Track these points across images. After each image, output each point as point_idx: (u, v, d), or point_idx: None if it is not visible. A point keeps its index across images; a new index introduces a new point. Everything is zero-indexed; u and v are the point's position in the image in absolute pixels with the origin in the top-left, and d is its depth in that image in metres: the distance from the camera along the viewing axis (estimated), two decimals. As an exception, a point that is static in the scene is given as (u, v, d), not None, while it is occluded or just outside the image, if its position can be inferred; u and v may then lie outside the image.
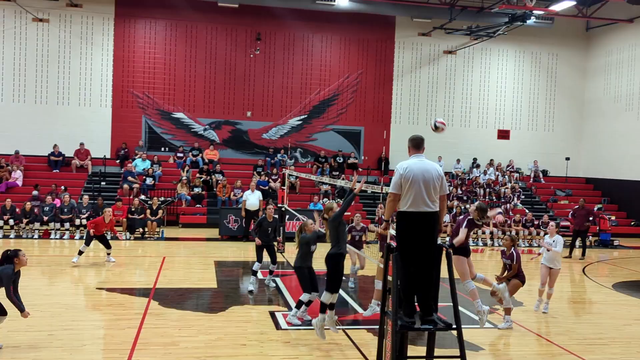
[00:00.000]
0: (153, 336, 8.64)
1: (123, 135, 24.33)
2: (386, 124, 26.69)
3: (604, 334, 9.90)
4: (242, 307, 10.65)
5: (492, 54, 27.50)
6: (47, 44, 23.79)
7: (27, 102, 23.68)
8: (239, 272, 14.21)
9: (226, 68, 25.22)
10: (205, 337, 8.70)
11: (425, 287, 6.24)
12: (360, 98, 26.54)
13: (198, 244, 18.29)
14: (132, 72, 24.44)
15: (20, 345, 8.01)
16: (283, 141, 25.79)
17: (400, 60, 26.79)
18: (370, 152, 26.59)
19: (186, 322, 9.47)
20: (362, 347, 8.43)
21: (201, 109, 25.17)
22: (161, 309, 10.25)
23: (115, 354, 7.87)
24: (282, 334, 9.06)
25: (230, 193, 21.96)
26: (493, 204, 23.88)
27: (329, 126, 26.38)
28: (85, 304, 10.68)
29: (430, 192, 6.24)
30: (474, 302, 9.35)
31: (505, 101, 27.74)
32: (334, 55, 26.27)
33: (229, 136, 25.52)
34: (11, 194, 20.19)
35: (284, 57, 25.76)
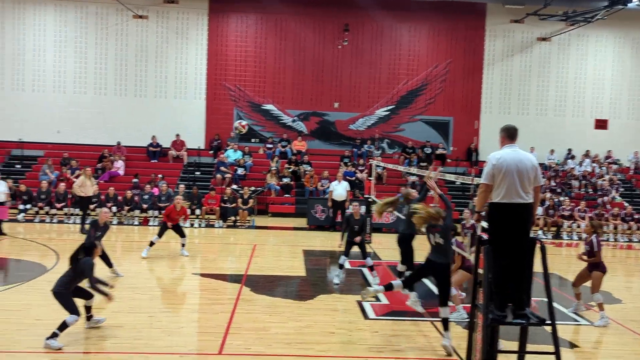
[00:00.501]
0: (245, 321, 8.97)
1: (216, 127, 25.21)
2: (476, 114, 26.10)
3: None
4: (330, 295, 10.84)
5: (589, 40, 26.21)
6: (146, 39, 24.99)
7: (127, 96, 25.02)
8: (327, 261, 14.44)
9: (314, 60, 25.52)
10: (295, 324, 8.92)
11: (517, 280, 6.13)
12: (449, 88, 26.09)
13: (287, 233, 18.72)
14: (224, 65, 25.25)
15: (124, 326, 8.56)
16: (370, 132, 25.82)
17: (491, 49, 26.08)
18: (460, 143, 26.11)
19: (276, 309, 9.75)
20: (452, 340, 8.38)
21: (290, 101, 25.64)
22: (252, 295, 10.61)
23: (211, 337, 8.23)
24: (370, 324, 9.16)
25: (318, 183, 22.28)
26: (589, 196, 22.87)
27: (417, 116, 26.13)
28: (182, 288, 11.21)
29: (524, 183, 6.10)
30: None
31: (604, 89, 26.38)
32: (422, 45, 25.94)
33: (317, 127, 25.85)
34: (114, 183, 21.45)
35: (372, 47, 25.73)
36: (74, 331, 8.11)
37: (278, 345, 7.99)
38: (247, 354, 7.62)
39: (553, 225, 20.31)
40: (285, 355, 7.63)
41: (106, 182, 21.56)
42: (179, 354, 7.53)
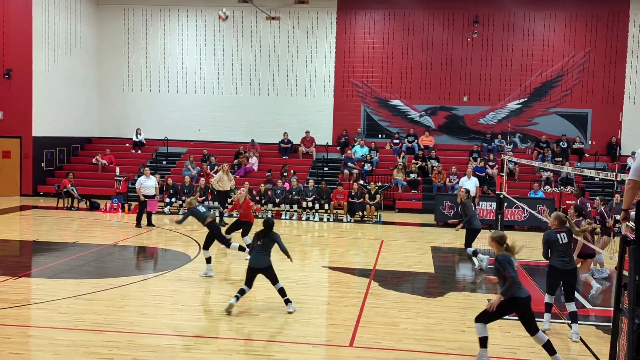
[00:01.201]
0: (374, 315, 9.14)
1: (343, 123, 25.68)
2: (618, 105, 24.42)
3: None
4: (460, 293, 10.74)
5: None
6: (278, 40, 25.97)
7: (261, 95, 26.18)
8: (455, 258, 14.29)
9: (442, 53, 25.16)
10: (424, 320, 8.95)
11: (666, 285, 5.78)
12: (588, 78, 24.63)
13: (414, 228, 18.69)
14: (352, 62, 25.62)
15: (260, 314, 9.06)
16: (501, 126, 25.03)
17: (635, 35, 24.25)
18: (599, 137, 24.58)
19: (405, 304, 9.82)
20: (591, 344, 8.06)
21: (417, 96, 25.49)
22: (381, 289, 10.75)
23: (341, 329, 8.46)
24: (501, 323, 8.96)
25: (446, 179, 21.99)
26: None
27: (552, 109, 24.94)
28: (313, 280, 11.59)
29: (680, 178, 5.71)
30: None
31: None
32: (557, 34, 24.69)
33: (445, 122, 25.48)
34: (248, 178, 22.54)
35: (503, 38, 24.90)
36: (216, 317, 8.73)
37: (408, 340, 8.06)
38: (377, 348, 7.76)
39: None
40: (415, 351, 7.70)
41: (242, 177, 22.72)
42: (311, 344, 7.82)
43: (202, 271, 11.35)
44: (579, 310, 9.90)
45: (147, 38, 26.54)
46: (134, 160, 24.95)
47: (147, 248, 14.66)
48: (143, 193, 17.04)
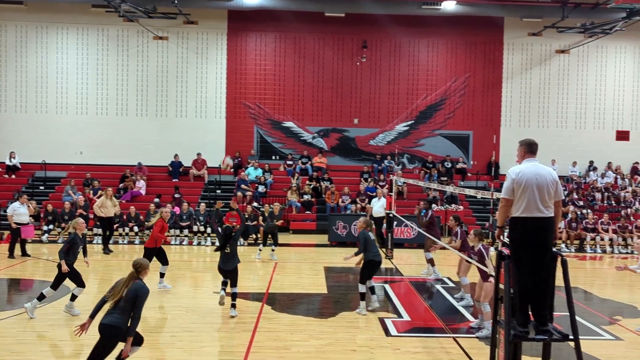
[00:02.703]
0: (266, 339, 8.99)
1: (236, 145, 25.44)
2: (496, 128, 25.99)
3: None
4: (351, 313, 10.80)
5: (608, 51, 26.02)
6: (166, 60, 25.39)
7: (148, 116, 25.39)
8: (349, 278, 14.40)
9: (333, 77, 25.69)
10: (316, 342, 8.92)
11: (540, 295, 6.09)
12: (468, 102, 26.05)
13: (308, 249, 18.73)
14: (244, 84, 25.53)
15: (144, 346, 8.62)
16: (390, 147, 25.84)
17: (509, 62, 26.03)
18: (480, 157, 25.99)
19: (297, 327, 9.75)
20: (474, 356, 8.34)
21: (310, 118, 25.79)
22: (274, 313, 10.62)
23: (232, 356, 8.25)
24: (392, 341, 9.12)
25: (339, 199, 22.30)
26: (612, 208, 22.57)
27: (436, 131, 26.10)
28: (204, 307, 11.23)
29: (545, 197, 6.08)
30: None
31: (624, 100, 26.13)
32: (440, 60, 25.99)
33: (337, 143, 25.94)
34: (136, 203, 21.70)
35: (390, 63, 25.83)
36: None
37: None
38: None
39: (576, 239, 20.07)
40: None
41: (128, 202, 21.82)
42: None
43: (72, 307, 10.40)
44: (464, 324, 10.29)
45: (22, 56, 25.02)
46: (7, 186, 23.28)
47: (21, 280, 13.60)
48: (15, 220, 15.91)
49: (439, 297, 12.34)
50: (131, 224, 19.65)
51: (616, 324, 10.31)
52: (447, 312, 11.12)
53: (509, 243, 6.25)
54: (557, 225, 6.33)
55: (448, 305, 11.63)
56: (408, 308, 11.22)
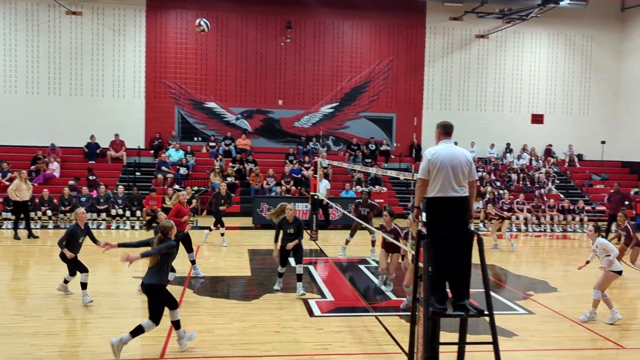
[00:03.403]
0: (188, 323, 8.77)
1: (156, 126, 24.70)
2: (418, 111, 26.50)
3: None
4: (275, 294, 10.76)
5: (525, 37, 26.99)
6: (81, 36, 24.22)
7: (62, 95, 24.20)
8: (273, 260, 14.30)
9: (257, 57, 25.32)
10: (239, 324, 8.84)
11: (456, 273, 6.23)
12: (392, 85, 26.38)
13: (232, 232, 18.47)
14: (164, 63, 24.75)
15: (60, 333, 8.25)
16: (315, 129, 25.85)
17: (431, 46, 26.52)
18: (403, 139, 26.45)
19: (221, 310, 9.62)
20: (395, 334, 8.47)
21: (233, 98, 25.37)
22: (196, 297, 10.43)
23: (152, 341, 8.04)
24: (315, 321, 9.15)
25: (263, 182, 22.13)
26: (527, 189, 23.55)
27: (361, 113, 26.31)
28: (122, 292, 10.87)
29: (459, 177, 6.21)
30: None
31: (539, 85, 27.23)
32: (364, 43, 26.13)
33: (261, 125, 25.67)
34: (49, 186, 20.69)
35: (315, 44, 25.74)
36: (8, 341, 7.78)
37: (222, 346, 7.89)
38: (190, 357, 7.47)
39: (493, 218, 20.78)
40: (229, 356, 7.54)
41: (40, 185, 20.77)
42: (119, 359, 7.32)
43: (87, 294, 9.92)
44: (386, 302, 10.44)
45: None
46: None
47: None
48: None
49: (362, 277, 12.48)
50: (44, 208, 18.73)
51: (529, 299, 10.77)
52: (370, 291, 11.27)
53: (426, 222, 6.34)
54: (472, 204, 6.48)
55: (371, 285, 11.78)
56: (332, 288, 11.29)
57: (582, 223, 20.84)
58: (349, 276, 12.51)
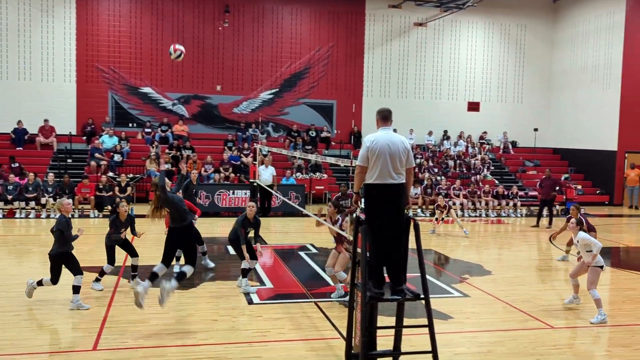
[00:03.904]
0: (122, 314, 8.57)
1: (89, 111, 23.82)
2: (358, 98, 26.60)
3: (570, 300, 10.12)
4: (213, 283, 10.62)
5: (461, 26, 27.47)
6: (6, 16, 23.03)
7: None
8: (213, 248, 14.11)
9: (194, 41, 24.75)
10: (176, 314, 8.68)
11: (393, 258, 6.28)
12: (332, 71, 26.35)
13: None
14: (96, 46, 23.84)
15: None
16: (254, 115, 25.56)
17: (371, 33, 26.63)
18: (343, 126, 26.51)
19: (157, 299, 9.38)
20: (334, 319, 8.48)
21: (169, 84, 24.75)
22: (130, 286, 10.13)
23: (84, 332, 7.80)
24: (254, 309, 9.07)
25: (201, 169, 21.75)
26: (463, 175, 24.10)
27: (301, 100, 26.19)
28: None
29: (397, 164, 6.27)
30: None
31: (475, 73, 27.82)
32: (304, 28, 25.97)
33: (199, 111, 25.17)
34: (-26, 173, 19.68)
35: (253, 29, 25.38)
36: None
37: (158, 336, 7.71)
38: (124, 348, 7.27)
39: (431, 204, 21.20)
40: (165, 346, 7.36)
41: (-36, 173, 19.74)
42: (48, 352, 7.09)
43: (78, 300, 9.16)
44: (325, 288, 10.45)
45: None
46: None
47: None
48: None
49: (302, 264, 12.46)
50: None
51: (465, 282, 11.00)
52: (309, 278, 11.27)
53: (364, 208, 6.38)
54: (409, 191, 6.56)
55: (311, 272, 11.79)
56: (271, 276, 11.22)
57: (515, 208, 21.49)
58: (288, 263, 12.46)
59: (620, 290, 10.92)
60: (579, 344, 7.98)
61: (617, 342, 8.05)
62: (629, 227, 19.87)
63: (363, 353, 6.04)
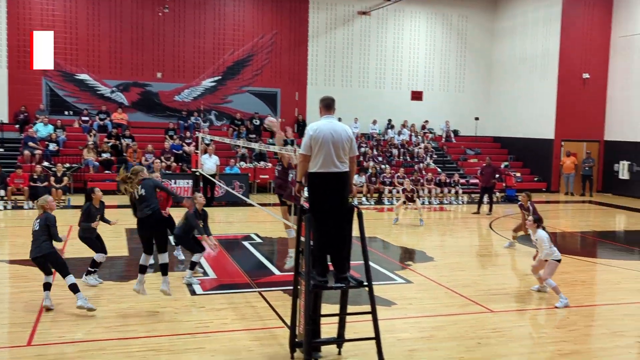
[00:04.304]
0: (61, 308, 8.27)
1: (22, 98, 22.79)
2: (302, 86, 26.48)
3: (507, 284, 10.40)
4: (155, 274, 10.33)
5: (404, 16, 27.69)
6: None
7: None
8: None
9: (133, 26, 24.02)
10: (116, 306, 8.47)
11: (337, 246, 6.27)
12: (276, 59, 26.12)
13: (108, 211, 17.53)
14: (28, 30, 22.75)
15: None
16: (196, 103, 25.10)
17: (315, 21, 26.52)
18: (288, 114, 26.34)
19: (96, 292, 9.14)
20: (278, 308, 8.43)
21: (107, 70, 23.97)
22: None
23: (19, 327, 7.50)
24: (197, 300, 8.92)
25: (142, 158, 21.22)
26: (407, 163, 24.41)
27: (245, 88, 25.86)
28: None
29: (340, 153, 6.27)
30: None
31: (418, 63, 28.13)
32: (247, 15, 25.61)
33: (139, 98, 24.51)
34: None
35: (195, 15, 24.85)
36: None
37: (97, 330, 7.49)
38: (61, 342, 7.03)
39: (375, 192, 21.39)
40: (105, 339, 7.16)
41: None
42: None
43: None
44: (269, 278, 10.39)
45: None
46: None
47: None
48: None
49: (247, 254, 12.35)
50: None
51: (408, 269, 11.14)
52: (253, 267, 11.18)
53: (308, 197, 6.36)
54: (352, 179, 6.56)
55: (255, 261, 11.69)
56: (215, 266, 11.06)
57: (457, 195, 21.91)
58: (232, 253, 12.32)
59: (556, 274, 11.26)
60: (517, 327, 8.19)
61: (553, 324, 8.31)
62: (565, 213, 20.59)
63: (307, 341, 6.01)
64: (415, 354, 6.94)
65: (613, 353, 7.17)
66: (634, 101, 23.81)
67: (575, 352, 7.14)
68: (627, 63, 24.22)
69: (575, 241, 15.35)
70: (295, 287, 6.54)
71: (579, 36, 24.69)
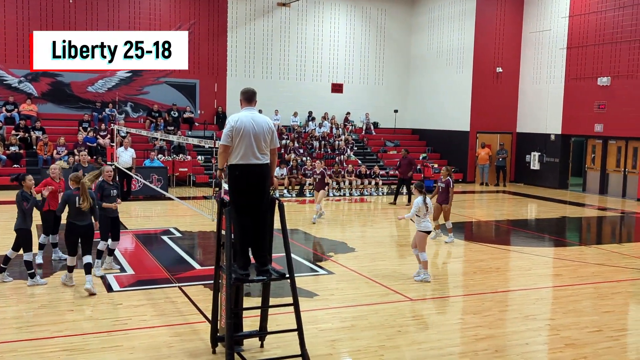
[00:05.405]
0: (-37, 311, 7.81)
1: None
2: (222, 77, 26.10)
3: (426, 272, 10.70)
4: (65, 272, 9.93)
5: (324, 8, 27.80)
6: None
7: None
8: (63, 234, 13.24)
9: (42, 14, 22.83)
10: (26, 306, 8.12)
11: (258, 239, 6.25)
12: (194, 50, 25.49)
13: (12, 206, 16.69)
14: None
15: None
16: (111, 94, 24.21)
17: (234, 12, 26.15)
18: (207, 106, 25.92)
19: (5, 291, 8.71)
20: (199, 303, 8.31)
21: (14, 59, 22.66)
22: (-27, 279, 9.27)
23: None
24: (113, 296, 8.64)
25: (53, 151, 20.28)
26: (328, 155, 24.59)
27: (162, 79, 25.17)
28: None
29: (261, 145, 6.26)
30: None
31: (338, 55, 28.34)
32: (163, 4, 24.91)
33: (49, 89, 23.36)
34: None
35: (109, 3, 23.93)
36: None
37: (6, 331, 7.15)
38: (-36, 347, 6.64)
39: (297, 185, 21.43)
40: (13, 341, 6.83)
41: None
42: None
43: None
44: (189, 272, 10.21)
45: None
46: None
47: None
48: None
49: (166, 248, 12.08)
50: None
51: (330, 260, 11.24)
52: (173, 262, 10.95)
53: (229, 189, 6.30)
54: (274, 171, 6.56)
55: (174, 256, 11.45)
56: (132, 262, 10.75)
57: (377, 187, 22.30)
58: (151, 248, 12.01)
59: (471, 262, 11.73)
60: (435, 314, 8.46)
61: (469, 310, 8.63)
62: (480, 203, 21.41)
63: (228, 335, 5.95)
64: (337, 344, 7.02)
65: (525, 336, 7.53)
66: (543, 95, 25.04)
67: (490, 336, 7.44)
68: (537, 58, 25.44)
69: (490, 229, 15.98)
70: (216, 281, 6.46)
71: (492, 31, 25.67)
